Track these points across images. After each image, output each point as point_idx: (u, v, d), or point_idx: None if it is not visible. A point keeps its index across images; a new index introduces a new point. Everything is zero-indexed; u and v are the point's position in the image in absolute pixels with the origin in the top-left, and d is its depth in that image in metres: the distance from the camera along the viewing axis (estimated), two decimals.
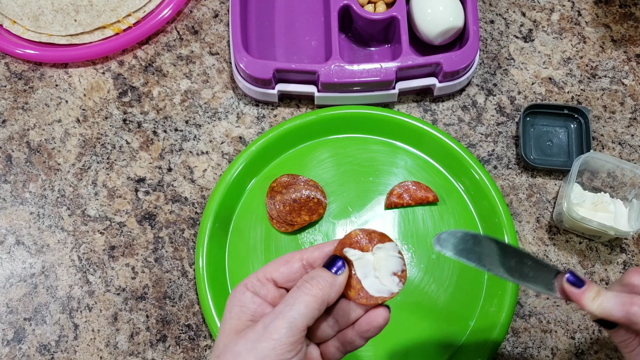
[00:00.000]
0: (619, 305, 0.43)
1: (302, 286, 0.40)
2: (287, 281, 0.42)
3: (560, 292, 0.45)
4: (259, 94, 0.66)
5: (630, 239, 0.65)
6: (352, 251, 0.42)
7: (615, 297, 0.43)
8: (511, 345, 0.61)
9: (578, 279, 0.44)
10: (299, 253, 0.43)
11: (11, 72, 0.69)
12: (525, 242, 0.64)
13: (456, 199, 0.64)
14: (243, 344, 0.38)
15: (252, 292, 0.41)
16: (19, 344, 0.61)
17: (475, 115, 0.68)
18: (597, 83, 0.70)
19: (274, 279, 0.42)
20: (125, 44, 0.69)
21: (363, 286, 0.42)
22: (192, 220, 0.65)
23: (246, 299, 0.41)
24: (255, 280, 0.42)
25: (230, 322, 0.41)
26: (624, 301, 0.43)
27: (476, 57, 0.66)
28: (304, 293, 0.39)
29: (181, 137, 0.67)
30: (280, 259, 0.43)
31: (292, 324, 0.38)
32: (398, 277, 0.42)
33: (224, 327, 0.41)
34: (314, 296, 0.39)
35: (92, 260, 0.63)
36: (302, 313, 0.39)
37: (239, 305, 0.41)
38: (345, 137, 0.66)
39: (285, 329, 0.38)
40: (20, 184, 0.66)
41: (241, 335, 0.39)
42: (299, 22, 0.70)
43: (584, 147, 0.65)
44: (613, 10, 0.72)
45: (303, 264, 0.42)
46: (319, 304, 0.40)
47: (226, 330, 0.40)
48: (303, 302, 0.39)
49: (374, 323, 0.42)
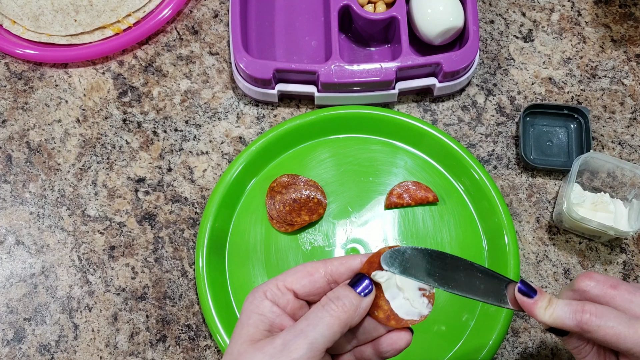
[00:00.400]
0: (570, 313, 0.42)
1: (327, 306, 0.39)
2: (308, 294, 0.41)
3: (512, 302, 0.44)
4: (259, 94, 0.66)
5: (630, 239, 0.65)
6: (381, 273, 0.40)
7: (566, 305, 0.42)
8: (511, 345, 0.61)
9: (529, 288, 0.43)
10: (322, 265, 0.41)
11: (11, 72, 0.69)
12: (525, 242, 0.64)
13: (456, 199, 0.64)
14: (259, 357, 0.37)
15: (271, 300, 0.40)
16: (19, 344, 0.61)
17: (475, 115, 0.68)
18: (597, 83, 0.70)
19: (295, 290, 0.40)
20: (125, 44, 0.69)
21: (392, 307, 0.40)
22: (192, 220, 0.65)
23: (265, 307, 0.40)
24: (275, 288, 0.40)
25: (247, 330, 0.39)
26: (575, 309, 0.42)
27: (476, 57, 0.66)
28: (328, 314, 0.38)
29: (181, 137, 0.67)
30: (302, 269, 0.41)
31: (312, 345, 0.37)
32: (427, 298, 0.40)
33: (240, 333, 0.40)
34: (338, 319, 0.38)
35: (92, 260, 0.63)
36: (324, 335, 0.38)
37: (257, 312, 0.40)
38: (345, 137, 0.66)
39: (305, 350, 0.37)
40: (20, 184, 0.66)
41: (257, 347, 0.38)
42: (299, 22, 0.70)
43: (584, 147, 0.65)
44: (613, 10, 0.72)
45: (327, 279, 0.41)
46: (342, 327, 0.38)
47: (242, 337, 0.39)
48: (326, 324, 0.38)
49: (396, 345, 0.41)
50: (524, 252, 0.64)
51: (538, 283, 0.63)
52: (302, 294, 0.41)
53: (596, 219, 0.60)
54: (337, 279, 0.41)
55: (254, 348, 0.38)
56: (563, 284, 0.63)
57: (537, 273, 0.63)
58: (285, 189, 0.63)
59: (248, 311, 0.40)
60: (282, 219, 0.63)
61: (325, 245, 0.63)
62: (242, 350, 0.38)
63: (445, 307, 0.61)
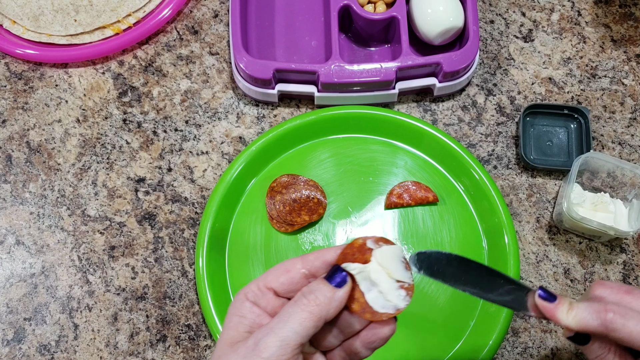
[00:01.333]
0: (593, 314, 0.41)
1: (299, 301, 0.38)
2: (288, 292, 0.40)
3: (533, 309, 0.44)
4: (259, 94, 0.66)
5: (630, 239, 0.65)
6: (352, 265, 0.39)
7: (589, 306, 0.42)
8: (511, 345, 0.61)
9: (549, 294, 0.43)
10: (300, 261, 0.40)
11: (11, 72, 0.69)
12: (525, 242, 0.64)
13: (456, 199, 0.64)
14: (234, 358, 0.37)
15: (251, 301, 0.40)
16: (19, 344, 0.61)
17: (475, 115, 0.68)
18: (597, 83, 0.70)
19: (274, 288, 0.40)
20: (125, 44, 0.69)
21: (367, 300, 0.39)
22: (192, 220, 0.65)
23: (245, 308, 0.39)
24: (256, 288, 0.40)
25: (227, 333, 0.39)
26: (598, 309, 0.42)
27: (476, 57, 0.66)
28: (299, 309, 0.37)
29: (181, 137, 0.67)
30: (280, 267, 0.40)
31: (283, 341, 0.36)
32: (405, 290, 0.39)
33: (222, 337, 0.39)
34: (310, 313, 0.37)
35: (92, 260, 0.63)
36: (295, 331, 0.37)
37: (237, 315, 0.39)
38: (345, 137, 0.66)
39: (276, 348, 0.36)
40: (20, 184, 0.66)
41: (234, 348, 0.38)
42: (299, 22, 0.70)
43: (584, 147, 0.65)
44: (613, 10, 0.72)
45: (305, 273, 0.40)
46: (315, 321, 0.37)
47: (222, 341, 0.39)
48: (297, 319, 0.37)
49: (380, 334, 0.40)
50: (524, 252, 0.64)
51: (538, 283, 0.63)
52: (281, 292, 0.40)
53: (596, 219, 0.60)
54: (314, 274, 0.40)
55: (231, 349, 0.38)
56: (563, 284, 0.63)
57: (537, 273, 0.63)
58: (285, 189, 0.63)
59: (230, 314, 0.40)
60: (282, 219, 0.63)
61: (325, 245, 0.63)
62: (221, 353, 0.38)
63: (445, 307, 0.61)
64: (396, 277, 0.39)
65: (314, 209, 0.63)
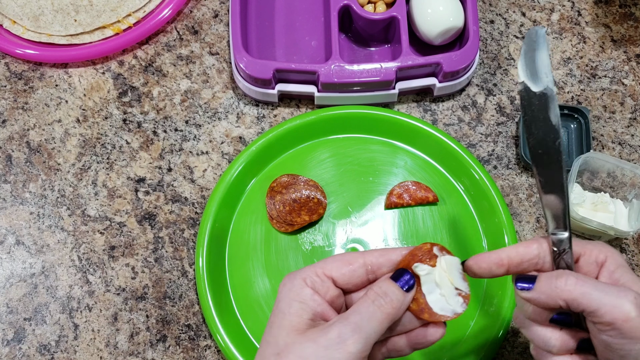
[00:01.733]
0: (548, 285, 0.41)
1: (377, 301, 0.39)
2: (347, 283, 0.41)
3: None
4: (259, 94, 0.66)
5: (630, 239, 0.65)
6: (422, 266, 0.41)
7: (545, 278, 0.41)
8: (511, 345, 0.61)
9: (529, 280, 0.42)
10: (361, 256, 0.41)
11: (11, 72, 0.69)
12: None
13: (456, 199, 0.64)
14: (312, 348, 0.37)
15: (311, 288, 0.40)
16: (19, 344, 0.61)
17: (475, 115, 0.68)
18: (597, 83, 0.70)
19: (334, 278, 0.41)
20: (125, 44, 0.69)
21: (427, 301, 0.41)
22: (192, 220, 0.65)
23: (306, 295, 0.39)
24: (314, 275, 0.40)
25: (290, 319, 0.39)
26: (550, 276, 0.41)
27: (476, 57, 0.66)
28: (379, 310, 0.39)
29: (181, 137, 0.67)
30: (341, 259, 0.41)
31: (367, 339, 0.38)
32: (462, 298, 0.41)
33: (283, 322, 0.39)
34: (388, 314, 0.39)
35: (92, 260, 0.63)
36: (376, 330, 0.38)
37: (298, 300, 0.39)
38: (345, 137, 0.66)
39: (362, 345, 0.37)
40: (20, 184, 0.66)
41: (308, 337, 0.38)
42: (299, 22, 0.70)
43: (584, 147, 0.66)
44: (613, 10, 0.72)
45: (366, 269, 0.41)
46: (390, 322, 0.39)
47: (286, 327, 0.39)
48: (378, 319, 0.38)
49: (430, 337, 0.41)
50: None
51: None
52: (340, 283, 0.41)
53: (596, 219, 0.60)
54: (375, 270, 0.41)
55: (305, 338, 0.38)
56: None
57: None
58: (285, 189, 0.63)
59: (288, 299, 0.40)
60: (282, 219, 0.63)
61: (326, 245, 0.63)
62: (289, 340, 0.38)
63: None
64: (456, 285, 0.41)
65: (314, 209, 0.63)
